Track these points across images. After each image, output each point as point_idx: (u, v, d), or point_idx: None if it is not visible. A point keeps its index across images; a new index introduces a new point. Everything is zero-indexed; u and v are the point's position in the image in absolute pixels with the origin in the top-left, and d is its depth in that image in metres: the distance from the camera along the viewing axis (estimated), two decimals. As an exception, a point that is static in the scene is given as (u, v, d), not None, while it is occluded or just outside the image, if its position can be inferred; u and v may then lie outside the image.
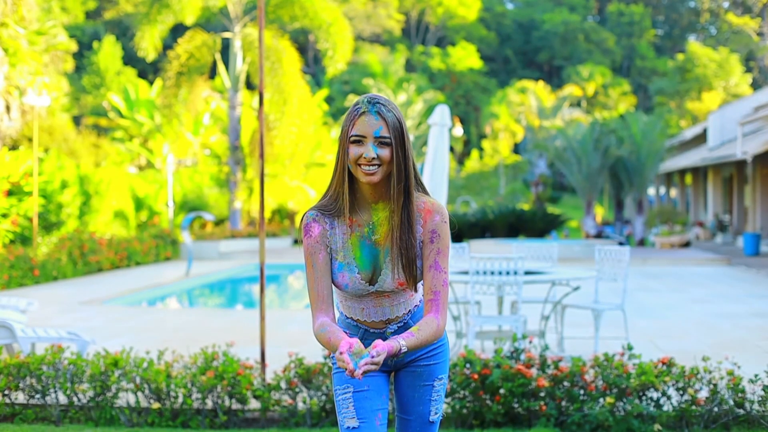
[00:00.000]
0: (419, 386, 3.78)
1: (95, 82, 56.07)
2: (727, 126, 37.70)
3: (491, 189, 57.77)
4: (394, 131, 3.51)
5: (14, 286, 19.36)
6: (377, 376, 3.75)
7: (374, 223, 3.63)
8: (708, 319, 13.83)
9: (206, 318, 15.26)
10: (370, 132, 3.49)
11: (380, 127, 3.49)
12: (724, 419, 7.31)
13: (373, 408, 3.68)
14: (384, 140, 3.49)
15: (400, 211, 3.56)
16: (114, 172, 30.89)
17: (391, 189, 3.55)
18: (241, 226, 33.70)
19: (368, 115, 3.51)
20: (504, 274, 9.41)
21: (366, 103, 3.53)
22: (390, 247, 3.60)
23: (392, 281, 3.61)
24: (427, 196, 3.67)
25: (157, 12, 31.13)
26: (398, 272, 3.60)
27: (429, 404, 3.79)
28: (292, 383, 7.61)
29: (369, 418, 3.66)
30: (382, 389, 3.75)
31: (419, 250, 3.62)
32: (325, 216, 3.64)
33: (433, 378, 3.78)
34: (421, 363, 3.77)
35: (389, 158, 3.50)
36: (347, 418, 3.67)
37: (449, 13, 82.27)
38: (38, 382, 7.84)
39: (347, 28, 32.76)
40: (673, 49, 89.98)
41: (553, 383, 7.45)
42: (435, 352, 3.78)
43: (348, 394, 3.69)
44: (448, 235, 3.63)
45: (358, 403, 3.67)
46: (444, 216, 3.62)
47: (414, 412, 3.80)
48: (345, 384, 3.70)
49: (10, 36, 24.92)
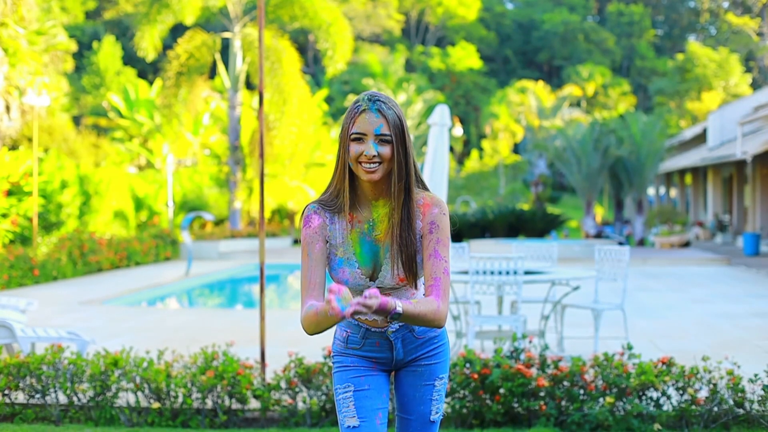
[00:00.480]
0: (420, 386, 3.77)
1: (95, 82, 56.08)
2: (727, 126, 37.69)
3: (491, 189, 57.78)
4: (395, 129, 3.52)
5: (14, 286, 19.36)
6: (378, 375, 3.75)
7: (374, 219, 3.63)
8: (708, 319, 13.84)
9: (206, 318, 15.26)
10: (370, 130, 3.49)
11: (381, 125, 3.50)
12: (723, 419, 7.32)
13: (373, 407, 3.69)
14: (385, 138, 3.50)
15: (400, 209, 3.56)
16: (114, 172, 30.89)
17: (392, 186, 3.55)
18: (240, 226, 33.70)
19: (369, 112, 3.51)
20: (504, 274, 9.42)
21: (366, 101, 3.54)
22: (390, 243, 3.60)
23: (392, 277, 3.61)
24: (427, 192, 3.67)
25: (157, 12, 31.13)
26: (398, 268, 3.60)
27: (430, 404, 3.79)
28: (292, 383, 7.62)
29: (369, 417, 3.66)
30: (383, 388, 3.75)
31: (419, 245, 3.62)
32: (326, 210, 3.64)
33: (433, 377, 3.78)
34: (421, 362, 3.77)
35: (390, 156, 3.51)
36: (348, 417, 3.67)
37: (449, 13, 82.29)
38: (38, 381, 7.85)
39: (347, 28, 32.77)
40: (672, 49, 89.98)
41: (552, 383, 7.46)
42: (435, 351, 3.78)
43: (349, 393, 3.69)
44: (448, 227, 3.63)
45: (358, 402, 3.67)
46: (442, 208, 3.62)
47: (415, 412, 3.80)
48: (346, 383, 3.71)
49: (9, 36, 24.93)
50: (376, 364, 3.77)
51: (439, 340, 3.79)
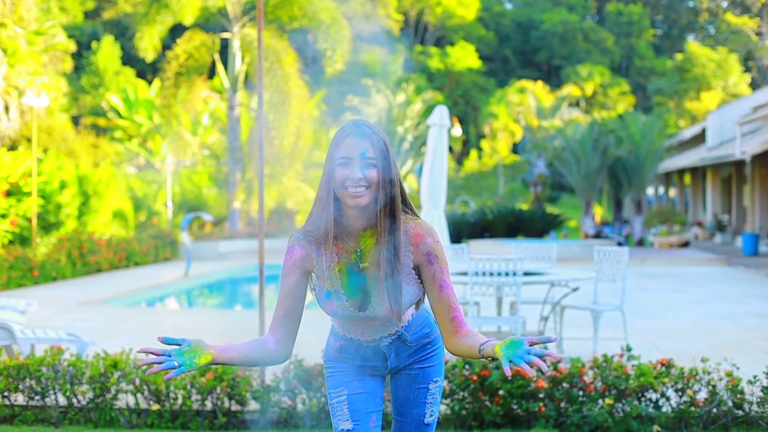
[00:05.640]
0: (414, 389, 3.80)
1: (94, 82, 56.06)
2: (726, 126, 37.71)
3: (490, 189, 57.79)
4: (381, 153, 3.52)
5: (13, 286, 19.39)
6: (371, 379, 3.78)
7: (362, 250, 3.61)
8: (707, 319, 13.87)
9: (205, 319, 15.29)
10: (356, 154, 3.49)
11: (366, 148, 3.50)
12: (722, 420, 7.34)
13: (367, 410, 3.72)
14: (370, 161, 3.50)
15: (387, 237, 3.54)
16: (113, 172, 30.90)
17: (378, 212, 3.53)
18: (239, 227, 33.72)
19: (354, 136, 3.52)
20: (503, 275, 9.44)
21: (351, 126, 3.55)
22: (378, 274, 3.58)
23: (382, 308, 3.59)
24: (416, 219, 3.65)
25: (157, 12, 31.14)
26: (387, 299, 3.57)
27: (424, 406, 3.81)
28: (292, 385, 7.63)
29: (363, 420, 3.70)
30: (377, 392, 3.78)
31: (416, 276, 3.61)
32: (311, 242, 3.62)
33: (428, 381, 3.80)
34: (415, 366, 3.79)
35: (376, 179, 3.49)
36: (341, 421, 3.71)
37: (448, 12, 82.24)
38: (38, 383, 7.87)
39: (346, 29, 32.76)
40: (671, 49, 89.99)
41: (552, 384, 7.49)
42: (430, 356, 3.80)
43: (342, 396, 3.73)
44: (444, 253, 3.63)
45: (352, 405, 3.71)
46: (434, 236, 3.62)
47: (410, 415, 3.82)
48: (339, 387, 3.74)
49: (9, 36, 24.94)
50: (370, 369, 3.79)
51: (433, 344, 3.81)
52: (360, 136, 3.51)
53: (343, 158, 3.50)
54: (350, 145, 3.51)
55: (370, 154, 3.50)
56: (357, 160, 3.49)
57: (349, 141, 3.51)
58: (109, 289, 19.31)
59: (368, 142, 3.51)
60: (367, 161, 3.49)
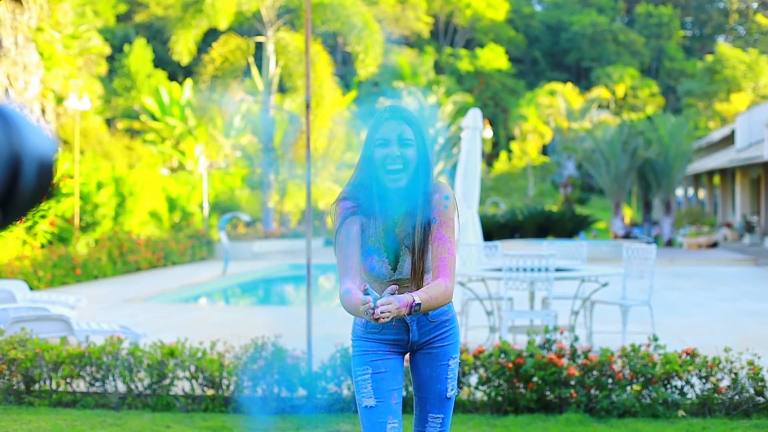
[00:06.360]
0: (436, 366, 4.13)
1: (126, 85, 56.61)
2: (755, 127, 37.77)
3: (520, 190, 58.01)
4: (417, 134, 3.93)
5: (57, 284, 19.89)
6: (393, 358, 4.11)
7: (397, 218, 3.96)
8: (733, 316, 14.16)
9: (247, 314, 15.74)
10: (394, 135, 3.90)
11: (403, 130, 3.91)
12: (744, 406, 7.67)
13: (389, 388, 4.04)
14: (408, 141, 3.90)
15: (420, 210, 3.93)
16: (147, 173, 31.38)
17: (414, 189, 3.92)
18: (273, 227, 34.14)
19: (391, 120, 3.93)
20: (536, 271, 9.80)
21: (389, 110, 3.96)
22: (410, 238, 3.94)
23: (410, 270, 3.95)
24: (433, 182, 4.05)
25: (192, 17, 31.62)
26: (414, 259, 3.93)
27: (446, 382, 4.15)
28: (338, 371, 8.05)
29: (385, 397, 4.02)
30: (398, 371, 4.11)
31: None
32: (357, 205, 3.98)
33: (447, 358, 4.14)
34: (435, 345, 4.13)
35: (413, 158, 3.90)
36: (365, 398, 4.04)
37: (477, 14, 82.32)
38: (98, 370, 8.31)
39: (378, 32, 33.10)
40: (702, 51, 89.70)
41: (582, 372, 7.84)
42: (447, 334, 4.14)
43: (367, 375, 4.05)
44: (450, 209, 3.97)
45: (375, 383, 4.03)
46: (443, 191, 3.99)
47: (432, 390, 4.15)
48: (364, 366, 4.07)
49: (45, 40, 25.45)
50: (393, 347, 4.11)
51: (450, 323, 4.16)
52: (397, 119, 3.92)
53: (381, 139, 3.91)
54: (388, 128, 3.91)
55: (407, 135, 3.91)
56: (395, 141, 3.90)
57: (387, 124, 3.92)
58: (150, 287, 19.77)
59: (405, 125, 3.92)
60: (405, 142, 3.90)
